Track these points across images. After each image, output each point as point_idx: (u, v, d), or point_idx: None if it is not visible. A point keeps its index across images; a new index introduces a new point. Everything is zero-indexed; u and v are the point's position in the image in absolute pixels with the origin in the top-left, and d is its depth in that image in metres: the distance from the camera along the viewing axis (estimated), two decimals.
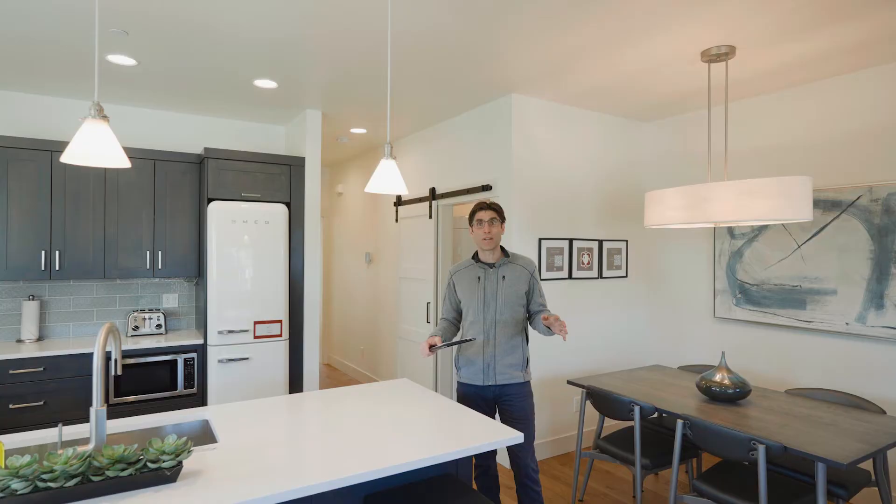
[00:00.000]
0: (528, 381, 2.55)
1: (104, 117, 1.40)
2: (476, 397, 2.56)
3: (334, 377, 6.44)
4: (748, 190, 2.48)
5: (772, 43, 2.74)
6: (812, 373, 3.32)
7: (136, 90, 3.63)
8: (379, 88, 3.60)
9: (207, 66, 3.14)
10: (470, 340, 2.42)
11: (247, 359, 3.75)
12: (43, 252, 3.45)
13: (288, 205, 4.07)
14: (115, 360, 1.67)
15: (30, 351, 3.25)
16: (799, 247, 3.37)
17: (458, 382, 2.61)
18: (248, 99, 3.82)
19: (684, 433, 2.46)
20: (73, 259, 3.55)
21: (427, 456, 1.63)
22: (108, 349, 3.42)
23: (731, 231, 3.77)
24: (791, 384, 3.42)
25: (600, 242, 4.12)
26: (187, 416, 2.00)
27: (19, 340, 3.57)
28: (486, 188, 3.82)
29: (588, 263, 4.05)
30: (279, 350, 3.87)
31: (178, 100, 3.86)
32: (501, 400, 2.53)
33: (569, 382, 3.11)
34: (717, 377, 2.71)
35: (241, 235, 3.74)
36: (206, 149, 3.72)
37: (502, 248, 2.59)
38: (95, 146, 1.34)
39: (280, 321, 3.88)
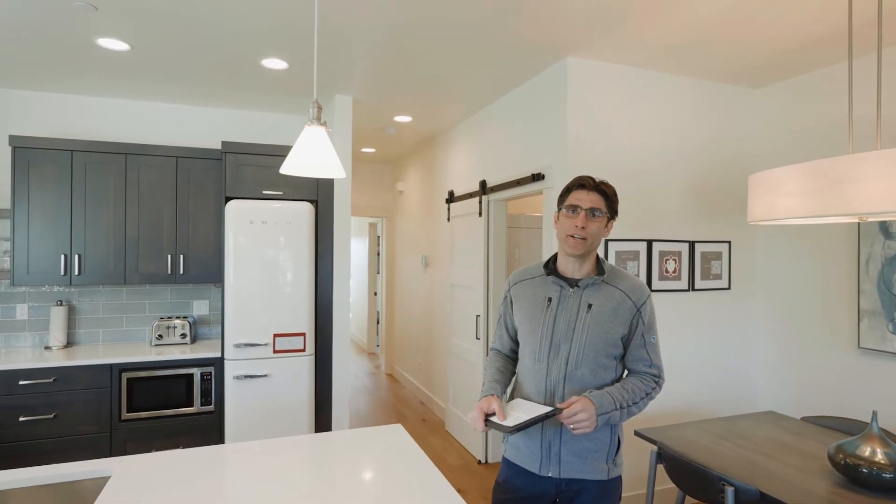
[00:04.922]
0: (618, 478, 1.57)
1: None
2: (521, 491, 1.58)
3: (394, 390, 5.99)
4: None
5: None
6: None
7: (150, 82, 3.38)
8: (417, 68, 3.03)
9: (204, 45, 2.76)
10: (551, 413, 1.41)
11: (265, 375, 3.35)
12: (63, 256, 3.30)
13: (315, 203, 3.63)
14: None
15: (44, 360, 3.10)
16: None
17: (503, 458, 1.66)
18: (264, 85, 3.42)
19: None
20: (94, 263, 3.37)
21: None
22: (128, 361, 3.19)
23: (885, 227, 2.69)
24: None
25: (691, 244, 3.20)
26: (87, 470, 1.55)
27: (47, 347, 3.48)
28: (538, 178, 3.08)
29: (674, 272, 3.15)
30: (302, 366, 3.43)
31: (194, 91, 3.57)
32: (564, 501, 1.57)
33: (636, 434, 2.30)
34: (866, 450, 1.77)
35: (261, 237, 3.35)
36: (223, 143, 3.38)
37: (598, 258, 1.62)
38: None
39: (303, 334, 3.43)
